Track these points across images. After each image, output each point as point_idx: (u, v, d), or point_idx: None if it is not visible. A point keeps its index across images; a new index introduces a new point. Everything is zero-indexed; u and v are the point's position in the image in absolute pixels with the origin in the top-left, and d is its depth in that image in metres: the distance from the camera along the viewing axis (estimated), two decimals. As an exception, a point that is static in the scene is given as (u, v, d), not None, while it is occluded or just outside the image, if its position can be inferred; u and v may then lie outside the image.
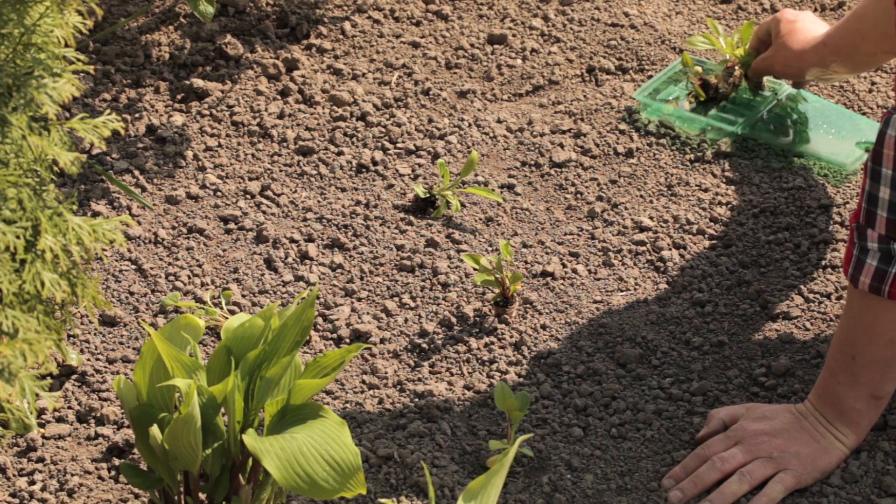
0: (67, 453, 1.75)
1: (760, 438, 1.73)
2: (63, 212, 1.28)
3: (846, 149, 2.30)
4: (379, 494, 1.70)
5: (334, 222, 2.15)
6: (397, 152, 2.30)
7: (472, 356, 1.92)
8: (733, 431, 1.75)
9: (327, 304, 2.00)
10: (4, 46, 1.26)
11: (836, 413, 1.74)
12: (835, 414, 1.74)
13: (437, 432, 1.79)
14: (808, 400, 1.77)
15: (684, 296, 2.03)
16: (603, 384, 1.88)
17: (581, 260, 2.10)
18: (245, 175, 2.23)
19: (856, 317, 1.69)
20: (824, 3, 2.73)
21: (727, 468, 1.71)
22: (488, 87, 2.46)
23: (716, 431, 1.77)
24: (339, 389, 1.86)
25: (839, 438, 1.73)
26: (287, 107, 2.38)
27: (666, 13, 2.68)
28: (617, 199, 2.21)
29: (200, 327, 1.60)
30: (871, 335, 1.68)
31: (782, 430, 1.74)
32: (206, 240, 2.11)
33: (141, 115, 2.35)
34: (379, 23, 2.60)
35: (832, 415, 1.74)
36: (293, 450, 1.43)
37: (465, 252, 2.09)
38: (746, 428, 1.74)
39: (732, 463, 1.71)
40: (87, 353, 1.89)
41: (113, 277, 2.03)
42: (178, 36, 2.53)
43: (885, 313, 1.66)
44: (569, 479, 1.74)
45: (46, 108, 1.26)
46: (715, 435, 1.76)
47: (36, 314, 1.28)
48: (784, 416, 1.76)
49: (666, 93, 2.40)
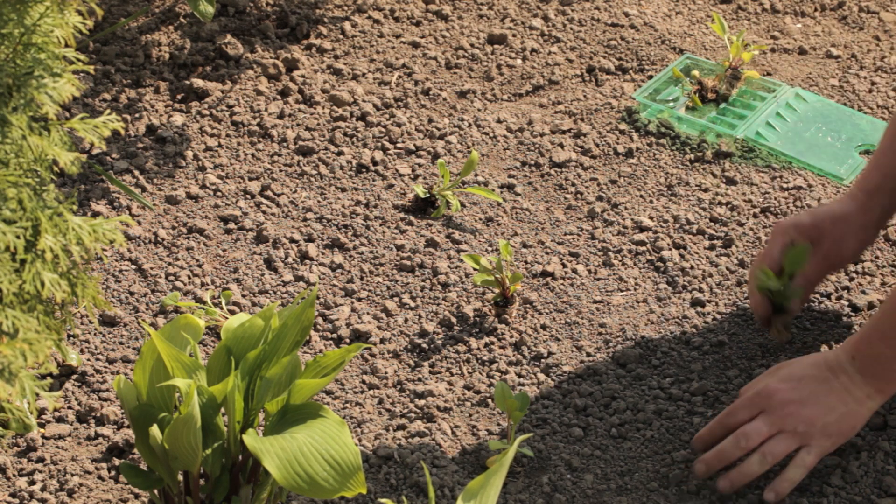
0: (67, 453, 1.75)
1: (788, 409, 1.68)
2: (63, 212, 1.28)
3: (844, 156, 2.30)
4: (379, 494, 1.70)
5: (334, 222, 2.15)
6: (397, 152, 2.30)
7: (472, 356, 1.92)
8: (759, 396, 1.70)
9: (327, 304, 2.00)
10: (4, 46, 1.26)
11: (875, 375, 1.68)
12: (872, 374, 1.68)
13: (437, 432, 1.79)
14: (842, 352, 1.70)
15: (684, 296, 2.04)
16: (603, 384, 1.88)
17: (581, 260, 2.10)
18: (245, 175, 2.23)
19: None
20: (824, 3, 2.74)
21: (751, 445, 1.69)
22: (488, 87, 2.46)
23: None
24: (339, 389, 1.86)
25: (870, 397, 1.68)
26: (287, 107, 2.38)
27: (666, 13, 2.68)
28: (617, 199, 2.21)
29: (200, 327, 1.60)
30: None
31: (810, 396, 1.68)
32: (206, 240, 2.11)
33: (141, 115, 2.35)
34: (379, 23, 2.60)
35: (870, 375, 1.68)
36: (293, 450, 1.43)
37: (465, 252, 2.09)
38: (772, 393, 1.69)
39: (756, 440, 1.69)
40: (87, 353, 1.89)
41: (113, 277, 2.03)
42: (178, 36, 2.53)
43: None
44: (569, 479, 1.74)
45: (46, 108, 1.26)
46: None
47: (36, 314, 1.28)
48: (812, 375, 1.70)
49: (666, 93, 2.40)
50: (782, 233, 1.90)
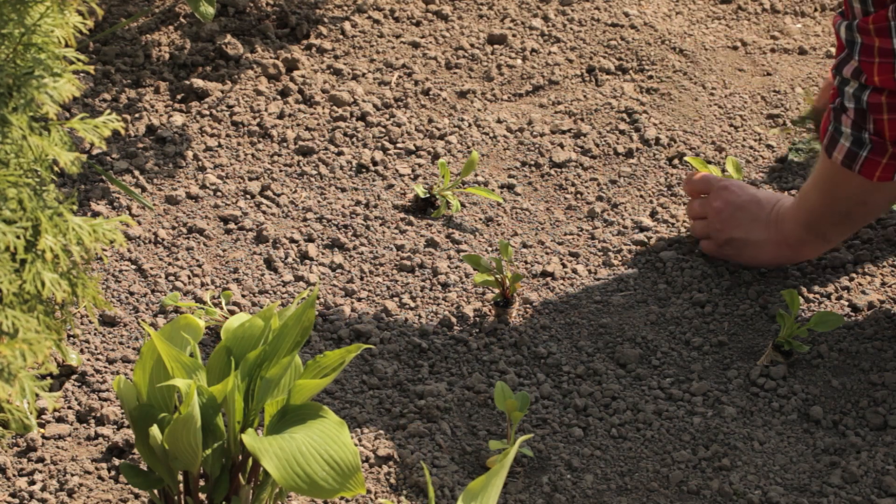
0: (67, 453, 1.75)
1: (721, 215, 2.04)
2: (63, 212, 1.28)
3: None
4: (379, 494, 1.70)
5: (334, 222, 2.15)
6: (397, 152, 2.30)
7: (472, 356, 1.92)
8: (708, 202, 2.07)
9: (327, 304, 2.00)
10: (5, 46, 1.26)
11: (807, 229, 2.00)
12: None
13: (437, 432, 1.79)
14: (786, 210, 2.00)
15: (684, 296, 2.04)
16: (603, 384, 1.88)
17: (581, 260, 2.10)
18: (245, 175, 2.23)
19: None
20: (824, 3, 2.74)
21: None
22: (488, 87, 2.46)
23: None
24: (339, 389, 1.86)
25: (790, 246, 2.01)
26: (287, 107, 2.38)
27: (666, 13, 2.68)
28: (617, 199, 2.21)
29: (200, 327, 1.60)
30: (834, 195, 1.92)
31: (739, 222, 2.04)
32: (206, 240, 2.11)
33: (141, 115, 2.35)
34: (379, 23, 2.60)
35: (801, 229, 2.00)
36: (293, 450, 1.43)
37: (465, 252, 2.09)
38: (718, 210, 2.04)
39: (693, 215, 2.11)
40: (87, 353, 1.89)
41: (113, 277, 2.03)
42: (178, 36, 2.53)
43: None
44: (569, 479, 1.74)
45: (47, 108, 1.26)
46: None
47: (36, 314, 1.28)
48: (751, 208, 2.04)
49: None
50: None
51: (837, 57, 1.79)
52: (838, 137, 1.81)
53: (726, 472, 1.76)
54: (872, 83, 1.74)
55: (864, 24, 1.72)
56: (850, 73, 1.76)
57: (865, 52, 1.73)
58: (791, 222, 1.98)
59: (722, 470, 1.77)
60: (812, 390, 1.89)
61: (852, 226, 1.97)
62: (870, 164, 1.79)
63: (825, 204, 1.92)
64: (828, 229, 1.96)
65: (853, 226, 1.97)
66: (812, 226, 1.96)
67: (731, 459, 1.78)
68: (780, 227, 2.00)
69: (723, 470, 1.77)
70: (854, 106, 1.77)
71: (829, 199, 1.91)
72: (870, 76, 1.74)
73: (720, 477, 1.76)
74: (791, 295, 1.91)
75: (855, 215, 1.93)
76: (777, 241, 2.01)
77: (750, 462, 1.78)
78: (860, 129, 1.78)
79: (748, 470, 1.77)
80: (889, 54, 1.71)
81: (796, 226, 1.97)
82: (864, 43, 1.73)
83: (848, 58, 1.77)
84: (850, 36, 1.74)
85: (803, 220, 1.96)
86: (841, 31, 1.76)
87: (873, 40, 1.71)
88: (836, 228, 1.96)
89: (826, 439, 1.82)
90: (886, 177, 1.80)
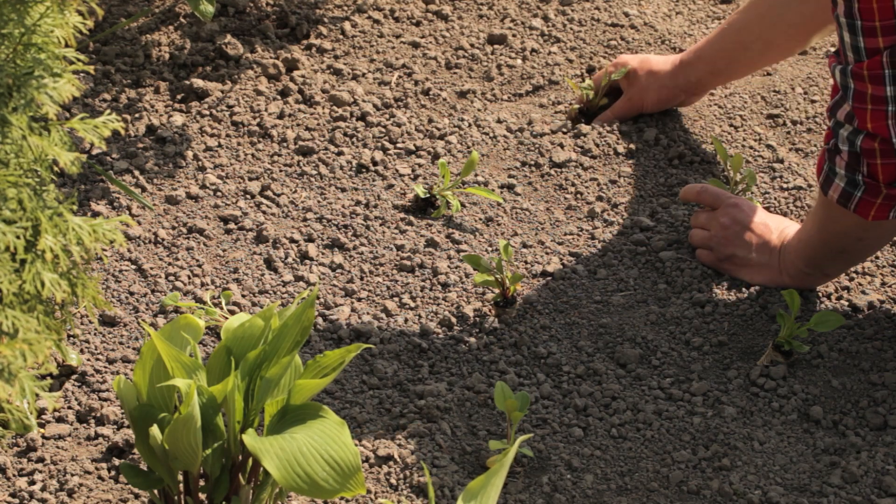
0: (67, 453, 1.75)
1: (726, 232, 2.07)
2: (63, 212, 1.28)
3: None
4: (379, 494, 1.70)
5: (334, 222, 2.15)
6: (397, 152, 2.30)
7: (472, 356, 1.92)
8: (714, 215, 2.10)
9: (327, 304, 2.00)
10: (5, 46, 1.26)
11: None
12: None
13: (437, 432, 1.79)
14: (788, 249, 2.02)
15: (684, 296, 2.04)
16: (603, 384, 1.88)
17: (581, 260, 2.10)
18: (245, 175, 2.23)
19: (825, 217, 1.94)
20: (824, 3, 2.74)
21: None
22: (488, 87, 2.46)
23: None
24: (339, 389, 1.86)
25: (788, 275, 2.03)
26: (287, 107, 2.38)
27: (666, 13, 2.68)
28: (617, 199, 2.21)
29: (200, 327, 1.60)
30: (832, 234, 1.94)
31: (742, 242, 2.06)
32: (206, 240, 2.11)
33: (141, 115, 2.35)
34: (379, 23, 2.60)
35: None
36: (293, 450, 1.43)
37: (465, 252, 2.10)
38: (724, 225, 2.07)
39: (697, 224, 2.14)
40: (87, 353, 1.89)
41: (113, 277, 2.03)
42: (178, 36, 2.53)
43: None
44: (569, 479, 1.74)
45: (47, 108, 1.26)
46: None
47: (36, 314, 1.28)
48: (757, 231, 2.06)
49: None
50: (615, 63, 2.35)
51: (832, 99, 1.80)
52: (833, 178, 1.82)
53: (726, 472, 1.76)
54: (865, 129, 1.74)
55: (858, 70, 1.71)
56: (843, 117, 1.77)
57: (858, 98, 1.73)
58: (792, 254, 2.00)
59: (722, 470, 1.77)
60: (812, 390, 1.89)
61: (850, 261, 1.99)
62: (864, 204, 1.80)
63: (822, 240, 1.94)
64: (826, 264, 1.98)
65: (851, 261, 1.99)
66: (811, 260, 1.98)
67: (731, 459, 1.78)
68: (783, 256, 2.02)
69: (723, 470, 1.77)
70: (848, 149, 1.78)
71: (826, 235, 1.93)
72: (862, 122, 1.74)
73: (720, 477, 1.76)
74: (791, 295, 1.91)
75: (852, 251, 1.95)
76: (778, 268, 2.03)
77: (750, 462, 1.78)
78: (854, 171, 1.79)
79: (748, 470, 1.77)
80: (881, 101, 1.71)
81: (797, 258, 1.99)
82: (857, 89, 1.72)
83: (842, 101, 1.77)
84: (845, 81, 1.74)
85: (803, 253, 1.98)
86: (836, 74, 1.76)
87: (866, 87, 1.71)
88: (835, 264, 1.99)
89: (826, 439, 1.82)
90: (881, 216, 1.81)
